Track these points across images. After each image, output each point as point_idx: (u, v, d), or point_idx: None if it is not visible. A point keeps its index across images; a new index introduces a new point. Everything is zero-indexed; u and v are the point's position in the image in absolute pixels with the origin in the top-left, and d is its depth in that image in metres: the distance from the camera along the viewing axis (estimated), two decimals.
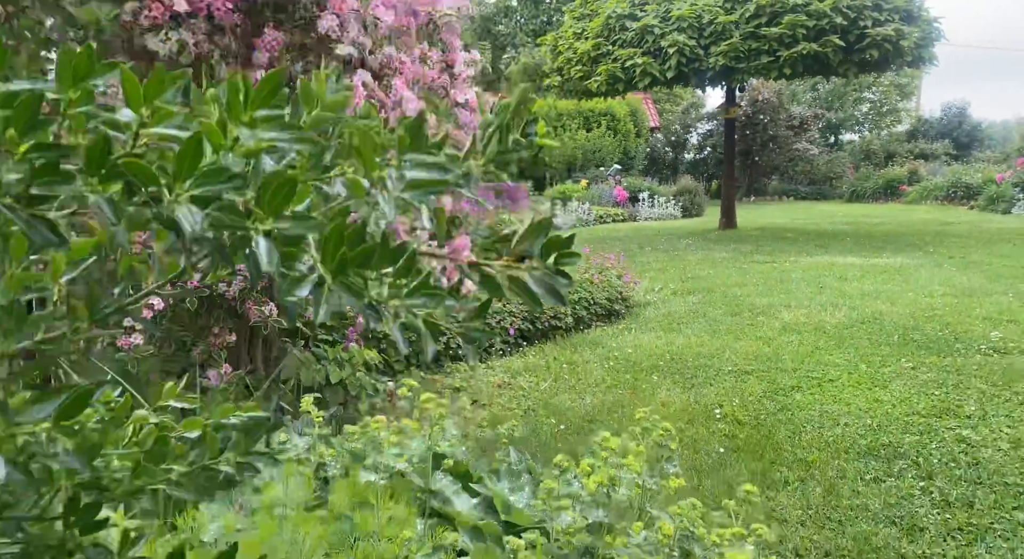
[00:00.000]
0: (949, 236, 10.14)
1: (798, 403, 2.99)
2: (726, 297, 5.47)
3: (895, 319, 4.46)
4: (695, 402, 3.03)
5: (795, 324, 4.45)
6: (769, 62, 8.81)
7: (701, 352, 3.82)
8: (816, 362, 3.59)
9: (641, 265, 7.58)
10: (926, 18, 9.15)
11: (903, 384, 3.21)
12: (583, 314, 4.48)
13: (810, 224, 13.16)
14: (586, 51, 9.95)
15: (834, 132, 28.19)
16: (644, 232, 12.31)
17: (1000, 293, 5.41)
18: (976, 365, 3.45)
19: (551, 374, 3.49)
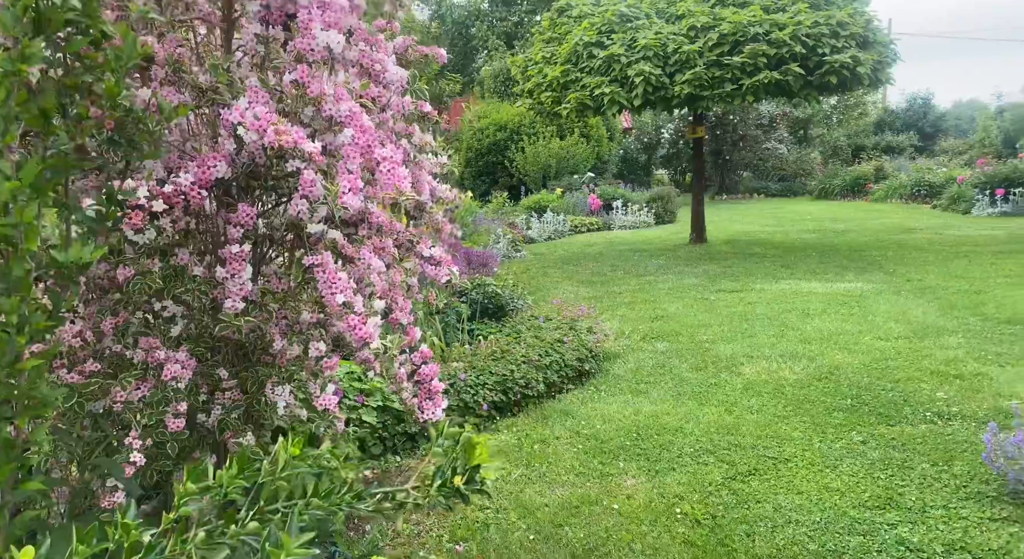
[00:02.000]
0: (910, 249, 10.46)
1: (754, 493, 3.19)
2: (692, 344, 5.68)
3: (850, 376, 4.69)
4: (659, 494, 3.22)
5: (756, 382, 4.66)
6: (733, 90, 9.03)
7: (666, 425, 4.02)
8: (773, 436, 3.80)
9: (613, 297, 7.79)
10: (881, 41, 9.41)
11: (853, 464, 3.43)
12: (555, 379, 4.65)
13: (779, 232, 13.45)
14: (556, 77, 10.10)
15: (803, 127, 28.58)
16: (617, 245, 12.53)
17: (951, 332, 5.67)
18: (921, 437, 3.68)
19: (523, 458, 3.66)
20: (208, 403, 2.75)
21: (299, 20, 2.06)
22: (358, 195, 2.09)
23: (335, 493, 1.26)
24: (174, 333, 2.51)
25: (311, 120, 2.15)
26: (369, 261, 2.22)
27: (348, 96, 2.17)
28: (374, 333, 2.13)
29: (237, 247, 2.13)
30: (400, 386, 2.71)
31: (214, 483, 1.15)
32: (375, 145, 2.17)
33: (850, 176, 22.75)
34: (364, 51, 2.45)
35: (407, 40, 3.01)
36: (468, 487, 1.32)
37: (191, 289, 2.35)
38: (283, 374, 2.67)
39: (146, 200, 1.90)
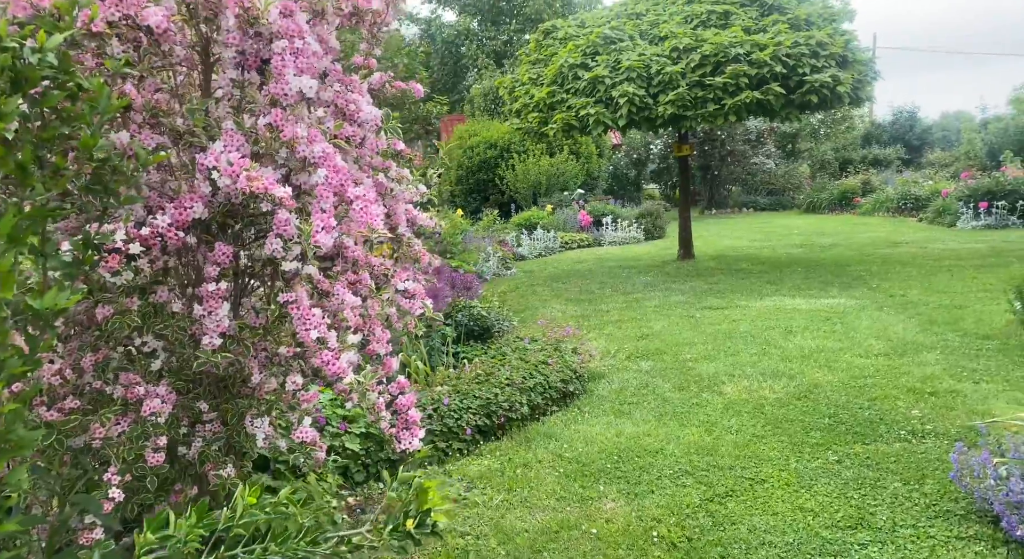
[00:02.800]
0: (894, 263, 10.57)
1: (730, 515, 3.25)
2: (676, 363, 5.74)
3: (829, 394, 4.76)
4: (637, 518, 3.27)
5: (737, 402, 4.73)
6: (715, 109, 9.16)
7: (647, 446, 4.07)
8: (751, 456, 3.86)
9: (600, 315, 7.85)
10: (861, 59, 9.56)
11: (827, 484, 3.49)
12: (539, 401, 4.71)
13: (766, 248, 13.55)
14: (542, 98, 10.22)
15: (791, 142, 28.83)
16: (607, 262, 12.62)
17: (929, 348, 5.76)
18: (894, 456, 3.75)
19: (505, 483, 3.71)
20: (189, 435, 2.80)
21: (272, 65, 2.13)
22: (331, 233, 2.16)
23: (291, 539, 1.32)
24: (154, 367, 2.57)
25: (286, 160, 2.22)
26: (343, 296, 2.29)
27: (322, 137, 2.24)
28: (347, 368, 2.18)
29: (213, 285, 2.20)
30: (379, 415, 2.77)
31: (173, 532, 1.20)
32: (348, 184, 2.23)
33: (837, 190, 22.95)
34: (339, 92, 2.53)
35: (383, 76, 3.10)
36: (419, 530, 1.38)
37: (170, 325, 2.41)
38: (263, 406, 2.72)
39: (123, 243, 1.96)
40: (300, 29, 2.18)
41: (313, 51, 2.22)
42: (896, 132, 33.99)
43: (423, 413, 4.22)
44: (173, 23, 2.20)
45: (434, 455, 4.09)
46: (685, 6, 10.53)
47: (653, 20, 10.52)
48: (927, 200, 18.91)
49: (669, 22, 10.27)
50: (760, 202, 25.44)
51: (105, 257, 1.94)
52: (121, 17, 1.86)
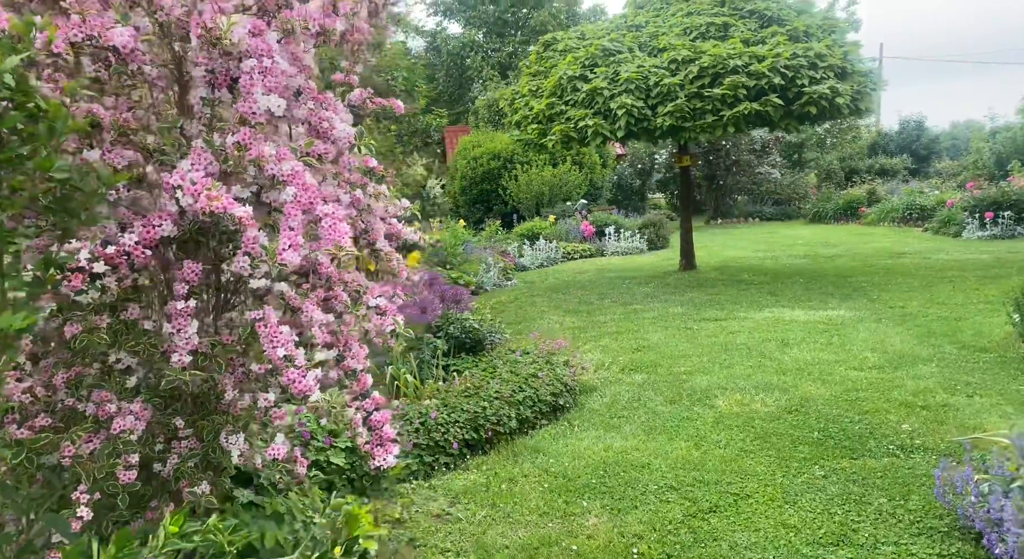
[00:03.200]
0: (897, 274, 10.52)
1: (713, 532, 3.23)
2: (670, 375, 5.72)
3: (820, 407, 4.73)
4: (619, 534, 3.25)
5: (728, 415, 4.70)
6: (714, 121, 9.16)
7: (634, 461, 4.06)
8: (738, 471, 3.84)
9: (597, 327, 7.84)
10: (860, 71, 9.55)
11: (811, 500, 3.46)
12: (528, 415, 4.69)
13: (769, 258, 13.51)
14: (541, 110, 10.25)
15: (797, 152, 28.77)
16: (608, 273, 12.61)
17: (925, 360, 5.72)
18: (881, 471, 3.72)
19: (489, 498, 3.70)
20: (165, 452, 2.80)
21: (241, 84, 2.14)
22: (298, 251, 2.16)
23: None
24: (130, 384, 2.57)
25: (255, 178, 2.23)
26: (312, 314, 2.29)
27: (291, 155, 2.25)
28: (314, 386, 2.18)
29: (182, 303, 2.20)
30: (356, 431, 2.77)
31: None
32: (317, 202, 2.24)
33: (843, 200, 22.87)
34: (313, 110, 2.54)
35: (364, 93, 3.12)
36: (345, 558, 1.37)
37: (142, 342, 2.41)
38: (238, 423, 2.72)
39: (87, 262, 1.97)
40: (269, 48, 2.20)
41: (282, 70, 2.24)
42: (903, 142, 33.88)
43: (411, 426, 4.22)
44: (144, 42, 2.23)
45: (420, 469, 4.08)
46: (685, 18, 10.55)
47: (653, 32, 10.55)
48: (933, 210, 18.82)
49: (668, 34, 10.29)
50: (766, 212, 25.40)
51: (69, 276, 1.95)
52: (84, 38, 1.88)
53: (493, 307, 9.51)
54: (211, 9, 2.05)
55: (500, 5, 27.16)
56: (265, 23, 2.23)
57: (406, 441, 4.13)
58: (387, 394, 4.71)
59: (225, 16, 1.98)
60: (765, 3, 10.43)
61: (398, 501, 3.76)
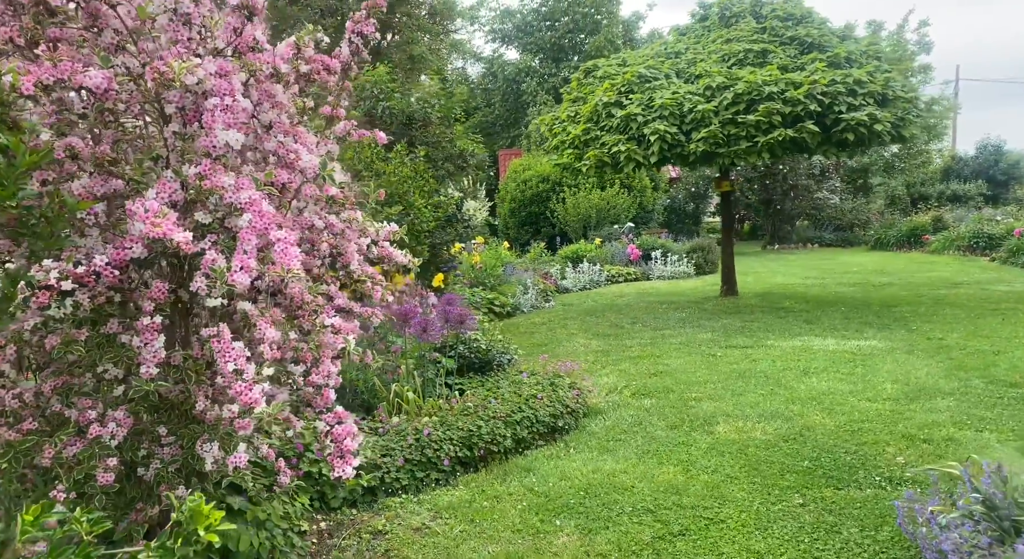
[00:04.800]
0: (946, 305, 10.22)
1: (677, 554, 3.27)
2: (679, 401, 5.74)
3: (819, 437, 4.69)
4: (584, 553, 3.33)
5: (724, 442, 4.71)
6: (748, 147, 9.14)
7: (618, 483, 4.12)
8: (717, 496, 3.87)
9: (621, 351, 7.88)
10: (904, 97, 9.39)
11: (783, 528, 3.47)
12: (524, 435, 4.80)
13: (817, 285, 13.28)
14: (577, 135, 10.40)
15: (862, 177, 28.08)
16: (648, 296, 12.60)
17: (945, 394, 5.59)
18: (862, 502, 3.69)
19: (470, 514, 3.82)
20: (149, 458, 3.04)
21: (204, 121, 2.36)
22: (249, 273, 2.36)
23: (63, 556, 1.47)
24: (117, 393, 2.81)
25: (216, 206, 2.44)
26: (265, 331, 2.48)
27: (250, 184, 2.45)
28: (259, 398, 2.36)
29: (148, 319, 2.42)
30: (323, 443, 2.95)
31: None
32: (272, 228, 2.43)
33: (906, 227, 22.21)
34: (281, 143, 2.75)
35: (348, 124, 3.33)
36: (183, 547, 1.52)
37: (120, 355, 2.65)
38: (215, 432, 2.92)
39: (56, 280, 2.20)
40: (232, 88, 2.42)
41: (243, 108, 2.45)
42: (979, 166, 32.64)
43: (404, 442, 4.38)
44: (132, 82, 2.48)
45: (411, 484, 4.23)
46: (723, 45, 10.58)
47: (691, 59, 10.60)
48: (1001, 239, 18.12)
49: (707, 60, 10.33)
50: (825, 238, 24.85)
51: (36, 294, 2.19)
52: (55, 81, 2.13)
53: (524, 328, 9.65)
54: (174, 53, 2.29)
55: (558, 31, 27.51)
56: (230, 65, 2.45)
57: (399, 456, 4.29)
58: (389, 410, 4.89)
59: (181, 60, 2.20)
60: (806, 30, 10.37)
61: (383, 513, 3.92)
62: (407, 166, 7.68)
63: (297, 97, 3.32)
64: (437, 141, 9.12)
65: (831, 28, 10.78)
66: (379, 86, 9.17)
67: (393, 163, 7.62)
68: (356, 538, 3.64)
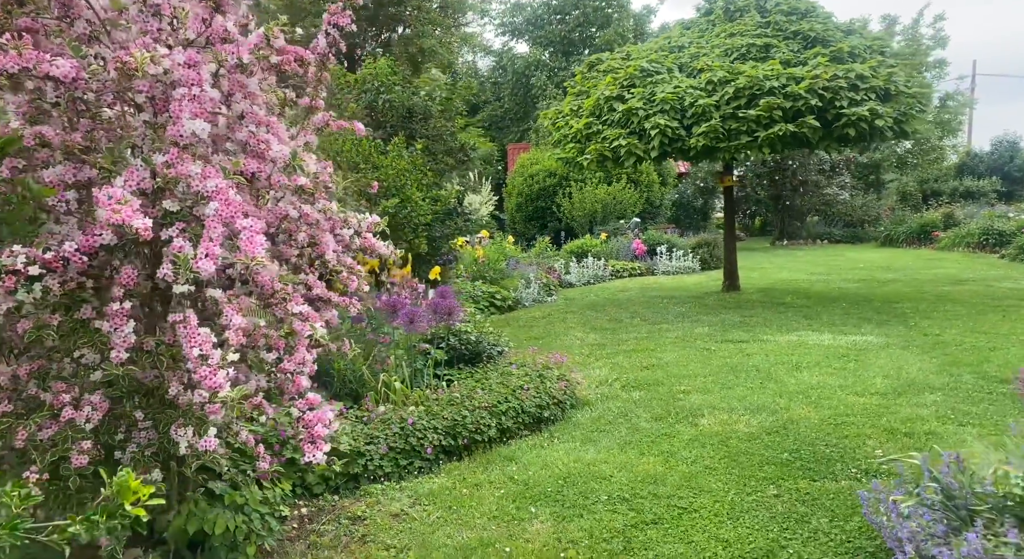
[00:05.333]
0: (948, 301, 10.18)
1: (646, 542, 3.31)
2: (668, 394, 5.77)
3: (802, 430, 4.71)
4: (556, 539, 3.38)
5: (707, 434, 4.74)
6: (748, 142, 9.12)
7: (597, 472, 4.16)
8: (694, 487, 3.90)
9: (617, 344, 7.91)
10: (907, 92, 9.34)
11: (754, 517, 3.50)
12: (509, 425, 4.85)
13: (821, 281, 13.25)
14: (579, 129, 10.41)
15: (873, 172, 27.88)
16: (650, 291, 12.62)
17: (934, 389, 5.59)
18: (835, 493, 3.72)
19: (449, 501, 3.87)
20: (126, 441, 3.10)
21: (171, 111, 2.42)
22: (215, 261, 2.41)
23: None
24: (94, 378, 2.88)
25: (184, 194, 2.50)
26: (231, 318, 2.53)
27: (217, 173, 2.50)
28: (224, 383, 2.41)
29: (118, 305, 2.48)
30: (297, 429, 3.00)
31: None
32: (238, 216, 2.48)
33: (917, 223, 22.07)
34: (252, 132, 2.80)
35: (326, 116, 3.38)
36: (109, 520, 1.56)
37: (94, 340, 2.71)
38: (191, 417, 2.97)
39: (23, 265, 2.26)
40: (200, 78, 2.47)
41: (211, 98, 2.51)
42: (994, 163, 32.31)
43: (389, 431, 4.44)
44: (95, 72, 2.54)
45: (394, 471, 4.29)
46: (727, 39, 10.55)
47: (694, 53, 10.58)
48: (1012, 236, 17.98)
49: (709, 54, 10.31)
50: (835, 234, 24.73)
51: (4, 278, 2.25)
52: (20, 69, 2.19)
53: (523, 322, 9.70)
54: (140, 43, 2.34)
55: (568, 24, 27.49)
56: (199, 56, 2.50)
57: (383, 444, 4.35)
58: (376, 400, 4.95)
59: (145, 51, 2.25)
60: (810, 24, 10.33)
61: (364, 500, 3.98)
62: (404, 159, 7.72)
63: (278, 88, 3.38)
64: (438, 134, 9.16)
65: (836, 23, 10.73)
66: (380, 79, 9.22)
67: (391, 156, 7.67)
68: (335, 523, 3.70)
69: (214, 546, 3.20)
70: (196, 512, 3.23)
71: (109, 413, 2.95)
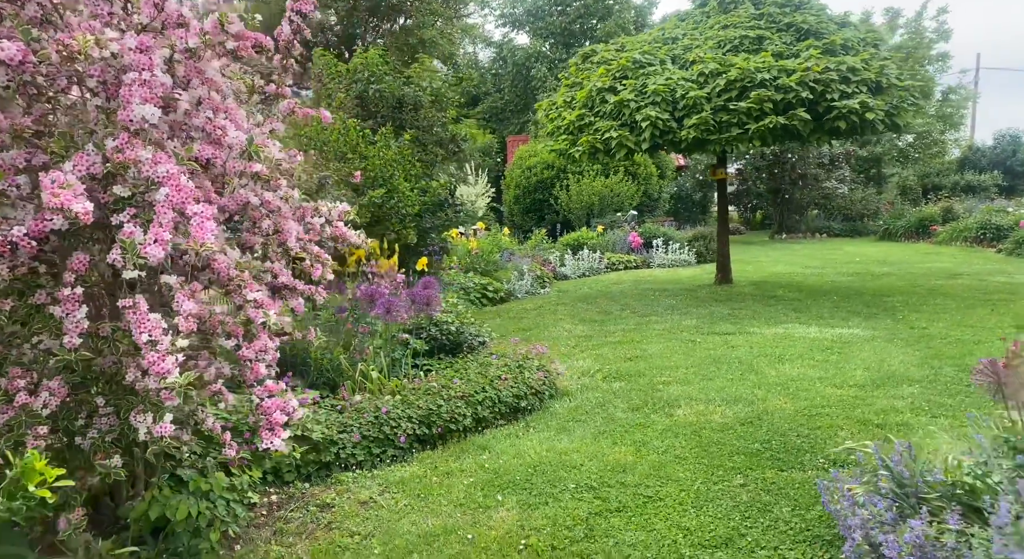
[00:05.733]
0: (939, 295, 10.16)
1: (608, 529, 3.33)
2: (648, 385, 5.77)
3: (776, 421, 4.72)
4: (520, 526, 3.39)
5: (681, 424, 4.75)
6: (739, 134, 9.09)
7: (569, 462, 4.17)
8: (662, 476, 3.91)
9: (604, 336, 7.92)
10: (899, 85, 9.29)
11: (718, 506, 3.51)
12: (486, 414, 4.86)
13: (815, 274, 13.23)
14: (571, 121, 10.39)
15: (874, 166, 27.79)
16: (643, 284, 12.62)
17: (913, 381, 5.59)
18: (801, 482, 3.72)
19: (419, 489, 3.89)
20: (87, 427, 3.11)
21: (121, 95, 2.42)
22: (164, 247, 2.41)
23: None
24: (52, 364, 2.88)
25: (135, 179, 2.50)
26: (182, 304, 2.53)
27: (167, 159, 2.51)
28: (173, 369, 2.42)
29: (69, 290, 2.49)
30: (258, 416, 3.01)
31: None
32: (189, 202, 2.49)
33: (915, 217, 22.01)
34: (209, 119, 2.80)
35: (291, 103, 3.37)
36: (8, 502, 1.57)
37: (49, 325, 2.72)
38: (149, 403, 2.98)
39: None
40: (151, 63, 2.47)
41: (162, 83, 2.51)
42: (996, 157, 32.17)
43: (363, 420, 4.45)
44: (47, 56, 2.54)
45: (367, 459, 4.31)
46: (720, 31, 10.51)
47: (687, 45, 10.55)
48: (1009, 230, 17.93)
49: (703, 46, 10.27)
50: (834, 228, 24.67)
51: None
52: None
53: (514, 313, 9.71)
54: (86, 27, 2.34)
55: (569, 16, 27.39)
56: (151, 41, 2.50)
57: (356, 433, 4.36)
58: (353, 389, 4.96)
59: (90, 35, 2.25)
60: (803, 16, 10.28)
61: (335, 487, 4.00)
62: (392, 149, 7.71)
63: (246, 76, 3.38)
64: (428, 125, 9.15)
65: (830, 15, 10.68)
66: (371, 69, 9.21)
67: (378, 146, 7.67)
68: (303, 510, 3.72)
69: (177, 532, 3.22)
70: (159, 498, 3.24)
71: (72, 399, 2.98)
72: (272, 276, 3.32)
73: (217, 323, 2.83)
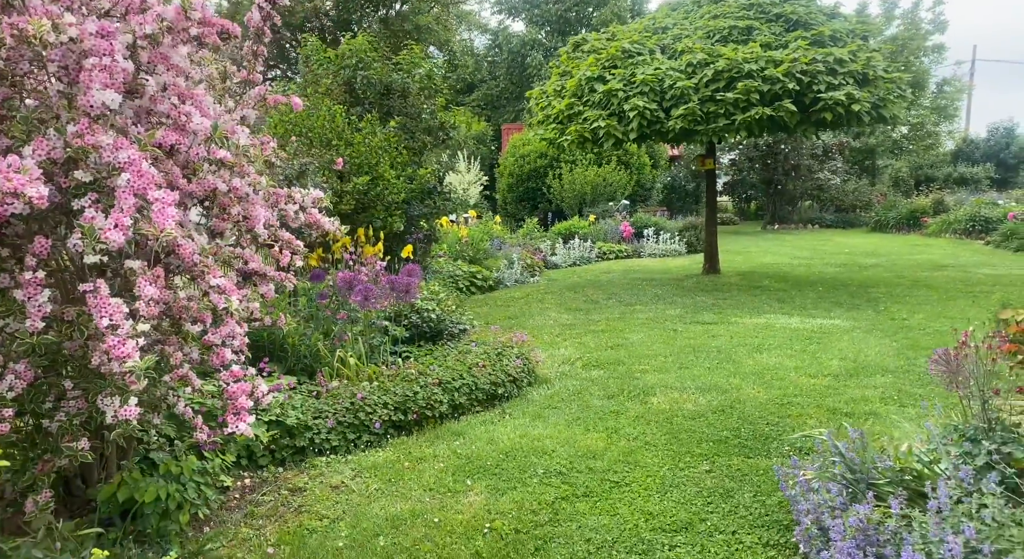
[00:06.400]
0: (923, 287, 10.23)
1: (573, 514, 3.38)
2: (626, 373, 5.82)
3: (748, 409, 4.77)
4: (486, 510, 3.44)
5: (655, 411, 4.80)
6: (726, 124, 9.12)
7: (540, 448, 4.22)
8: (630, 462, 3.96)
9: (588, 325, 7.96)
10: (886, 77, 9.31)
11: (682, 492, 3.56)
12: (462, 401, 4.90)
13: (802, 266, 13.29)
14: (561, 110, 10.40)
15: (868, 157, 27.81)
16: (632, 273, 12.66)
17: (887, 371, 5.65)
18: (765, 469, 3.78)
19: (391, 474, 3.93)
20: (54, 411, 3.14)
21: (81, 81, 2.44)
22: (125, 233, 2.43)
23: None
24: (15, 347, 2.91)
25: (97, 164, 2.52)
26: (143, 289, 2.56)
27: (128, 144, 2.53)
28: (133, 352, 2.44)
29: (31, 274, 2.52)
30: (224, 401, 3.05)
31: None
32: (151, 188, 2.51)
33: (907, 209, 22.07)
34: (174, 105, 2.82)
35: (262, 89, 3.39)
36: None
37: (13, 309, 2.74)
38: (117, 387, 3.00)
39: None
40: (112, 49, 2.49)
41: (123, 69, 2.52)
42: (990, 150, 32.21)
43: (338, 406, 4.49)
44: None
45: (342, 445, 4.35)
46: (710, 21, 10.51)
47: (676, 34, 10.54)
48: (997, 222, 18.01)
49: (692, 36, 10.27)
50: (827, 219, 24.73)
51: None
52: None
53: (501, 302, 9.75)
54: (42, 11, 2.36)
55: (565, 3, 27.30)
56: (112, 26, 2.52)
57: (331, 419, 4.40)
58: (330, 375, 5.00)
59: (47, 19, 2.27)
60: (792, 7, 10.28)
61: (308, 472, 4.04)
62: (378, 136, 7.72)
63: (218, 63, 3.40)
64: (416, 112, 9.14)
65: (819, 6, 10.68)
66: (358, 55, 9.19)
67: (364, 132, 7.67)
68: (275, 494, 3.76)
69: (145, 514, 3.26)
70: (128, 480, 3.28)
71: (41, 382, 3.01)
72: (243, 262, 3.35)
73: (181, 309, 2.86)
